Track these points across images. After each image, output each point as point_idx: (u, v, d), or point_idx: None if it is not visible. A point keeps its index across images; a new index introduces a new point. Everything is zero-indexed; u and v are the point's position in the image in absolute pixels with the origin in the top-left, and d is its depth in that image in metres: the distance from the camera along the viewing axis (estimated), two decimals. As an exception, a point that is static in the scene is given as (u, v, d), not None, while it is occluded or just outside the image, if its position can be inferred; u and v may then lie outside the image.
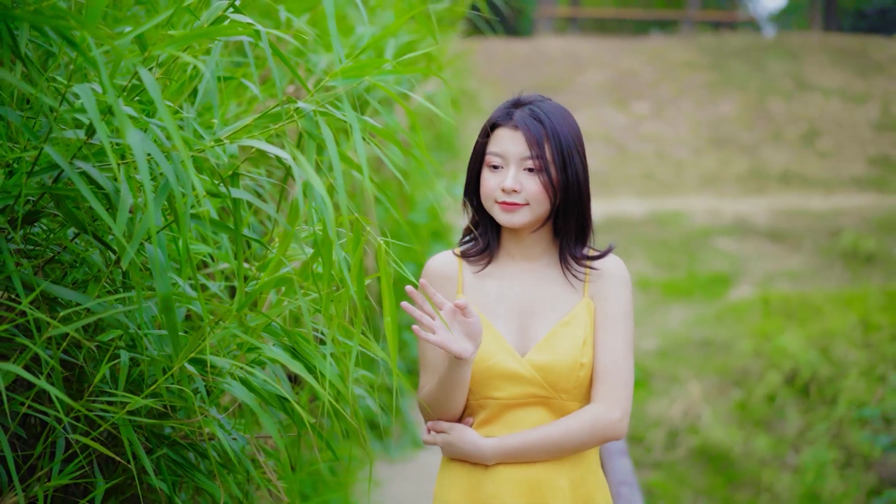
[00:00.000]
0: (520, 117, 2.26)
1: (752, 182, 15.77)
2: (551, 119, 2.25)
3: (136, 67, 1.74)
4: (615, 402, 2.25)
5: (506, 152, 2.26)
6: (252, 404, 2.16)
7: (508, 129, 2.27)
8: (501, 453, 2.25)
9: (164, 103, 1.74)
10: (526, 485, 2.25)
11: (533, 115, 2.25)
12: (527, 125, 2.24)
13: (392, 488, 5.35)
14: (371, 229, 2.06)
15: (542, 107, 2.27)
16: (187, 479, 2.32)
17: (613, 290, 2.32)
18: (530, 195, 2.24)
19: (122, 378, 2.04)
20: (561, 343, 2.26)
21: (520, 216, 2.26)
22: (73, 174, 1.83)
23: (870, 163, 16.48)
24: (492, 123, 2.30)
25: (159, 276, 1.92)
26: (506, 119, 2.28)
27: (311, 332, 2.13)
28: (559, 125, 2.26)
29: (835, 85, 19.15)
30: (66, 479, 1.89)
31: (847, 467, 8.93)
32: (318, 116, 1.92)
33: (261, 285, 2.01)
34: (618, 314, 2.30)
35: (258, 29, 1.96)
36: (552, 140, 2.23)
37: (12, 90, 2.00)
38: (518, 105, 2.29)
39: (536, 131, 2.23)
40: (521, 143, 2.24)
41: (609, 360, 2.27)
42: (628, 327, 2.31)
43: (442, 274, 2.38)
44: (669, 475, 8.89)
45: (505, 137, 2.27)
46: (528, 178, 2.24)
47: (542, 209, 2.27)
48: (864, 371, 9.68)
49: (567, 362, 2.24)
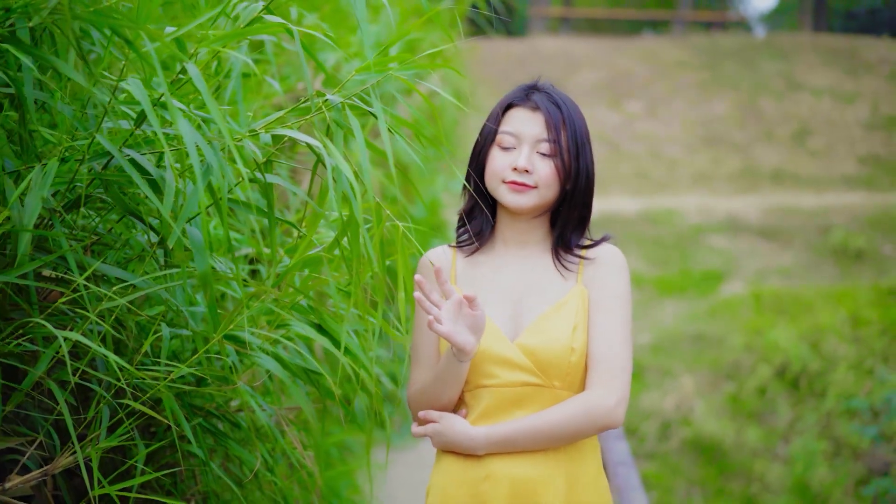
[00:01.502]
0: (539, 99, 2.24)
1: (744, 180, 15.92)
2: (568, 107, 2.25)
3: (185, 63, 1.91)
4: (611, 388, 2.16)
5: (521, 132, 2.23)
6: (283, 377, 2.34)
7: (526, 109, 2.25)
8: (492, 442, 2.18)
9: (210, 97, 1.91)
10: (520, 482, 2.17)
11: (552, 99, 2.24)
12: (547, 109, 2.22)
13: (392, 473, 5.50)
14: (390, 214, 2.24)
15: (559, 93, 2.27)
16: (219, 447, 2.49)
17: (608, 276, 2.25)
18: (541, 178, 2.21)
19: (164, 350, 2.21)
20: (552, 327, 2.20)
21: (527, 198, 2.23)
22: (123, 160, 2.00)
23: (860, 162, 16.62)
24: (507, 104, 2.28)
25: (199, 255, 2.09)
26: (524, 100, 2.26)
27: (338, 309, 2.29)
28: (575, 114, 2.26)
29: (825, 85, 19.29)
30: (115, 441, 2.06)
31: (836, 458, 9.09)
32: (345, 109, 2.09)
33: (294, 263, 2.18)
34: (612, 299, 2.23)
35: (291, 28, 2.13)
36: (569, 127, 2.23)
37: (63, 84, 2.17)
38: (535, 89, 2.28)
39: (555, 115, 2.22)
40: (538, 124, 2.23)
41: (604, 345, 2.19)
42: (624, 312, 2.23)
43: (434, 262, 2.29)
44: (663, 465, 9.05)
45: (521, 118, 2.24)
46: (540, 160, 2.22)
47: (551, 194, 2.24)
48: (853, 365, 9.84)
49: (557, 346, 2.18)
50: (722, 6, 30.54)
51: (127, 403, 2.09)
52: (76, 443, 1.94)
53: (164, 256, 2.21)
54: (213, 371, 2.25)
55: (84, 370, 2.06)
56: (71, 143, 2.09)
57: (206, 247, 2.12)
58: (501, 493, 2.17)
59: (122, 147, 2.07)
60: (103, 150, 2.08)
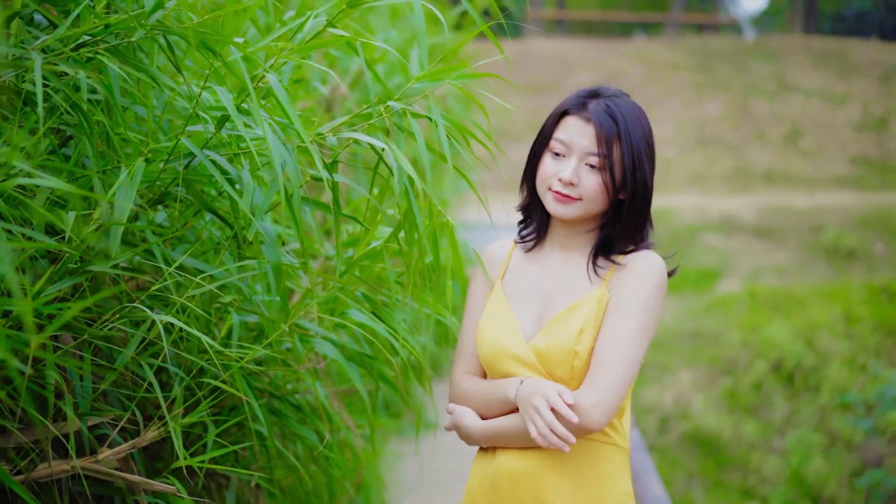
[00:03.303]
0: (594, 110, 2.17)
1: (737, 180, 16.13)
2: (626, 118, 2.16)
3: (266, 74, 2.12)
4: (593, 389, 2.09)
5: (571, 142, 2.18)
6: (341, 361, 2.54)
7: (580, 119, 2.19)
8: (486, 436, 2.22)
9: (288, 104, 2.12)
10: (519, 477, 2.18)
11: (608, 111, 2.16)
12: (600, 121, 2.15)
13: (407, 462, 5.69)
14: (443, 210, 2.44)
15: (618, 103, 2.18)
16: (279, 427, 2.69)
17: (630, 280, 2.18)
18: (586, 192, 2.18)
19: (234, 335, 2.42)
20: (561, 329, 2.17)
21: (571, 209, 2.20)
22: (207, 161, 2.20)
23: (850, 162, 16.84)
24: (563, 110, 2.22)
25: (271, 248, 2.30)
26: (579, 108, 2.20)
27: (394, 297, 2.50)
28: (633, 126, 2.17)
29: (816, 86, 19.51)
30: (196, 417, 2.26)
31: (831, 450, 9.27)
32: (406, 114, 2.30)
33: (360, 255, 2.39)
34: (628, 302, 2.16)
35: (352, 40, 2.34)
36: (624, 142, 2.16)
37: (147, 91, 2.36)
38: (594, 96, 2.21)
39: (609, 129, 2.15)
40: (590, 136, 2.16)
41: (605, 346, 2.13)
42: (638, 318, 2.14)
43: (493, 256, 2.38)
44: (662, 458, 9.22)
45: (574, 127, 2.19)
46: (588, 173, 2.18)
47: (596, 208, 2.20)
48: (847, 360, 10.05)
49: (562, 349, 2.15)
50: (713, 8, 30.80)
51: (207, 382, 2.29)
52: (168, 415, 2.14)
53: (237, 249, 2.41)
54: (281, 353, 2.46)
55: (180, 353, 2.26)
56: (156, 146, 2.29)
57: (276, 240, 2.32)
58: (506, 487, 2.19)
59: (203, 149, 2.27)
60: (183, 152, 2.28)
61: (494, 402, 2.21)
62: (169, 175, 2.33)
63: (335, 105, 4.43)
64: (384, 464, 5.21)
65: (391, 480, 5.15)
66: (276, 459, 2.70)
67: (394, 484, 5.15)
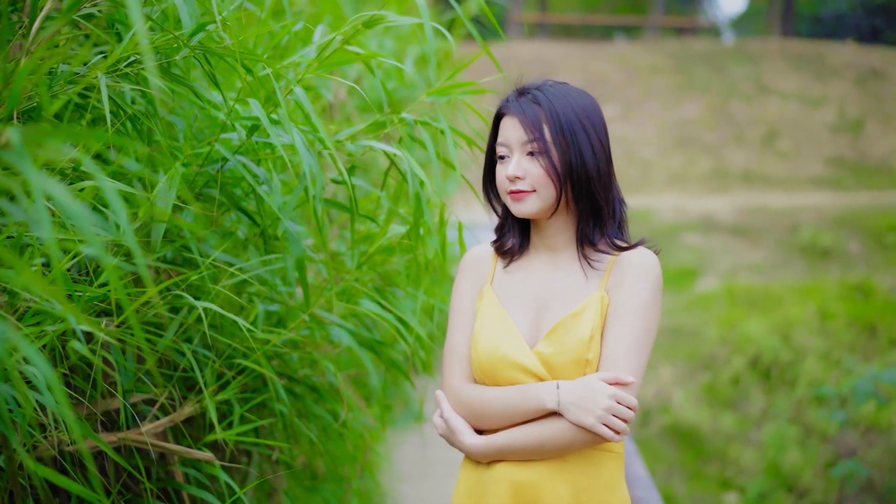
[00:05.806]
0: (517, 103, 2.18)
1: (715, 181, 16.40)
2: (551, 100, 2.15)
3: (294, 87, 2.38)
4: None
5: (508, 140, 2.18)
6: (354, 347, 2.81)
7: (509, 117, 2.19)
8: (490, 452, 2.15)
9: (315, 115, 2.38)
10: (520, 484, 2.13)
11: (531, 98, 2.17)
12: (522, 109, 2.16)
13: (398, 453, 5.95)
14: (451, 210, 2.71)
15: (543, 89, 2.18)
16: (296, 406, 2.96)
17: (629, 281, 2.13)
18: (535, 180, 2.14)
19: (258, 322, 2.68)
20: (568, 336, 2.11)
21: (528, 204, 2.17)
22: (239, 165, 2.46)
23: (826, 163, 17.15)
24: (496, 116, 2.24)
25: (295, 243, 2.56)
26: (506, 107, 2.21)
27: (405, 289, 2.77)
28: (560, 106, 2.14)
29: (793, 89, 19.81)
30: (229, 394, 2.52)
31: (806, 442, 9.53)
32: (417, 124, 2.57)
33: (374, 250, 2.65)
34: (628, 306, 2.11)
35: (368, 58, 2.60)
36: (551, 121, 2.13)
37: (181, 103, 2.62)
38: (521, 93, 2.21)
39: (532, 114, 2.14)
40: (519, 127, 2.16)
41: (612, 355, 2.09)
42: (639, 322, 2.10)
43: (476, 262, 2.31)
44: (644, 451, 9.45)
45: (507, 126, 2.19)
46: (530, 162, 2.15)
47: (549, 193, 2.15)
48: (822, 355, 10.34)
49: (572, 358, 2.10)
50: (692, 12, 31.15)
51: (239, 363, 2.55)
52: (206, 391, 2.40)
53: (263, 244, 2.68)
54: (301, 339, 2.72)
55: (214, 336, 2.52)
56: (192, 151, 2.55)
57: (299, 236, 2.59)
58: (503, 494, 2.14)
59: (235, 155, 2.53)
60: (217, 157, 2.54)
61: (521, 410, 2.11)
62: (202, 178, 2.59)
63: (335, 110, 4.69)
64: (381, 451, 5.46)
65: (386, 468, 5.41)
66: (293, 438, 2.96)
67: (389, 472, 5.41)
